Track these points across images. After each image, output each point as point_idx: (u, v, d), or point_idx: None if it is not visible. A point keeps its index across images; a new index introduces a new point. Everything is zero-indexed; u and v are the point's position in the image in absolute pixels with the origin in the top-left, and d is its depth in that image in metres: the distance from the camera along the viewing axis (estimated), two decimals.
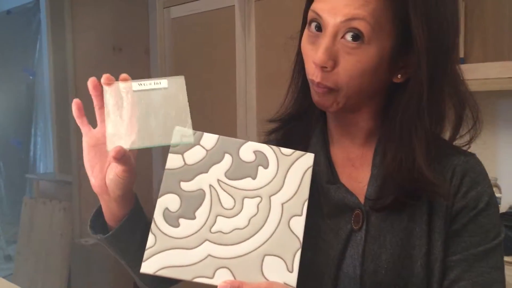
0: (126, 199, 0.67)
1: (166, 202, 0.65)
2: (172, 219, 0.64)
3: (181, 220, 0.64)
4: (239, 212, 0.65)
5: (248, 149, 0.68)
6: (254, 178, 0.66)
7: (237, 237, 0.64)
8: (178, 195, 0.65)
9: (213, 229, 0.64)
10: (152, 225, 0.64)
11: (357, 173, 0.72)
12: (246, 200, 0.65)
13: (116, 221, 0.68)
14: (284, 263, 0.62)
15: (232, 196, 0.66)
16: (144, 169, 3.01)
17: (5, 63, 4.34)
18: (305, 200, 0.66)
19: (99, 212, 0.70)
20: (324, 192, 0.70)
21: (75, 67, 2.92)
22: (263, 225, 0.64)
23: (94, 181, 0.66)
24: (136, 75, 0.65)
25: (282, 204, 0.65)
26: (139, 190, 0.72)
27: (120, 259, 0.72)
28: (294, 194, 0.66)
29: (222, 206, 0.65)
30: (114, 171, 0.64)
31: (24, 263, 3.17)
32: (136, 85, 0.64)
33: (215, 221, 0.64)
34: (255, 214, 0.65)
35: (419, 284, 0.64)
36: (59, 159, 3.29)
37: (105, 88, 0.64)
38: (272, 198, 0.66)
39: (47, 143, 3.91)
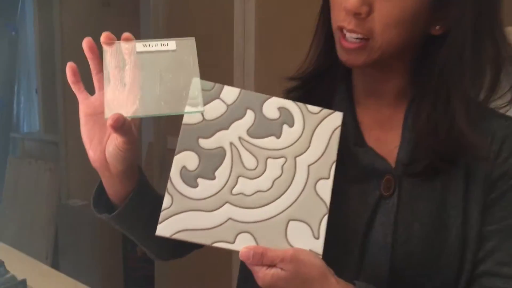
0: (129, 174, 0.61)
1: (184, 160, 0.60)
2: (190, 179, 0.59)
3: (200, 180, 0.59)
4: (262, 173, 0.60)
5: (272, 105, 0.62)
6: (278, 137, 0.61)
7: (260, 200, 0.59)
8: (197, 153, 0.60)
9: (234, 191, 0.59)
10: (169, 184, 0.58)
11: (386, 136, 0.67)
12: (269, 160, 0.60)
13: (121, 199, 0.62)
14: (310, 229, 0.58)
15: (254, 156, 0.60)
16: None
17: None
18: (333, 162, 0.61)
19: (101, 189, 0.64)
20: (350, 155, 0.65)
21: (62, 22, 2.80)
22: (287, 188, 0.59)
23: (92, 154, 0.59)
24: (126, 31, 0.58)
25: (308, 166, 0.61)
26: None
27: (128, 235, 0.67)
28: (321, 156, 0.61)
29: (244, 166, 0.60)
30: (113, 143, 0.57)
31: (9, 223, 3.12)
32: (140, 46, 0.57)
33: (236, 182, 0.59)
34: (279, 176, 0.60)
35: (453, 255, 0.60)
36: (45, 118, 3.20)
37: (105, 48, 0.57)
38: (297, 159, 0.61)
39: (31, 102, 3.79)
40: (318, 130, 0.62)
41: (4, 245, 1.30)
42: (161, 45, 0.58)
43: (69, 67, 0.58)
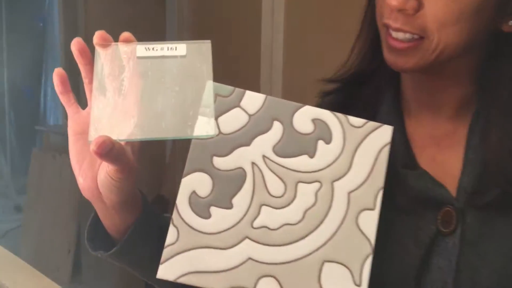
0: (128, 206, 0.49)
1: (194, 183, 0.48)
2: (201, 207, 0.48)
3: (213, 209, 0.48)
4: (291, 202, 0.48)
5: (305, 116, 0.50)
6: (312, 156, 0.49)
7: (287, 236, 0.47)
8: (210, 175, 0.48)
9: (255, 223, 0.47)
10: (174, 214, 0.47)
11: (443, 156, 0.54)
12: (300, 185, 0.48)
13: (120, 232, 0.51)
14: (350, 273, 0.46)
15: (282, 179, 0.49)
16: None
17: (15, 10, 4.15)
18: (380, 189, 0.49)
19: (96, 220, 0.52)
20: (398, 179, 0.53)
21: (86, 11, 2.73)
22: (322, 221, 0.48)
23: (82, 181, 0.48)
24: (153, 27, 0.46)
25: (349, 193, 0.48)
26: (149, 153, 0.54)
27: (131, 271, 0.56)
28: (365, 181, 0.49)
29: (269, 193, 0.48)
30: (105, 169, 0.46)
31: (32, 216, 3.09)
32: (141, 49, 0.46)
33: (258, 213, 0.48)
34: (312, 205, 0.48)
35: None
36: None
37: (98, 51, 0.46)
38: (335, 184, 0.49)
39: (56, 94, 3.77)
40: (362, 148, 0.50)
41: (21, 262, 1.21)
42: (168, 49, 0.47)
43: (57, 74, 0.47)
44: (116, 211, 0.48)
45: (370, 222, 0.48)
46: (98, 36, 0.46)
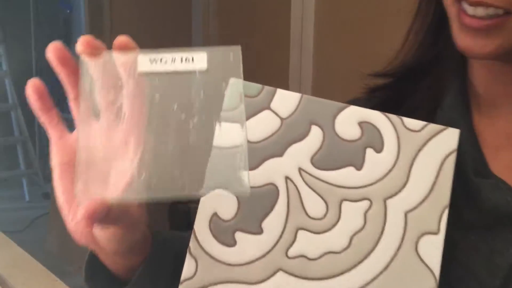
0: (134, 250, 0.41)
1: (215, 203, 0.40)
2: (225, 233, 0.39)
3: (239, 235, 0.39)
4: (335, 225, 0.39)
5: (350, 119, 0.41)
6: (359, 168, 0.40)
7: (330, 267, 0.38)
8: (233, 193, 0.40)
9: (291, 252, 0.39)
10: (192, 242, 0.39)
11: None
12: (345, 204, 0.40)
13: (126, 270, 0.43)
14: None
15: (322, 197, 0.40)
16: None
17: None
18: (445, 208, 0.39)
19: (93, 257, 0.43)
20: (468, 190, 0.43)
21: (111, 2, 2.67)
22: (373, 248, 0.39)
23: (73, 226, 0.37)
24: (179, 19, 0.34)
25: (406, 214, 0.39)
26: None
27: None
28: (426, 198, 0.40)
29: (307, 214, 0.39)
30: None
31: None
32: (145, 61, 0.34)
33: (294, 239, 0.39)
34: (361, 229, 0.39)
35: None
36: None
37: (83, 62, 0.34)
38: (388, 202, 0.40)
39: None
40: (421, 158, 0.40)
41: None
42: (182, 61, 0.34)
43: (33, 86, 0.36)
44: (119, 257, 0.40)
45: (433, 249, 0.38)
46: (84, 42, 0.34)
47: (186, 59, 0.34)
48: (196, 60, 0.34)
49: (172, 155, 0.33)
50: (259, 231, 0.39)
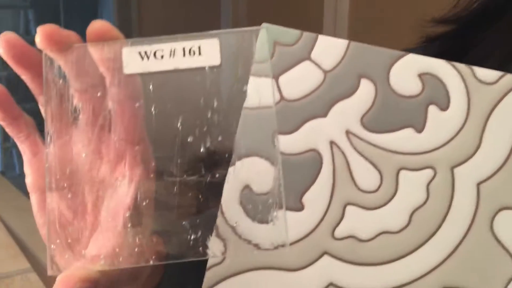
0: (142, 281, 0.32)
1: (247, 174, 0.33)
2: (259, 209, 0.33)
3: (275, 212, 0.33)
4: (391, 199, 0.32)
5: (408, 70, 0.34)
6: (420, 130, 0.33)
7: (386, 250, 0.32)
8: (270, 161, 0.33)
9: (338, 232, 0.32)
10: (219, 219, 0.33)
11: None
12: (403, 174, 0.33)
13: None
14: None
15: (375, 166, 0.33)
16: None
17: None
18: None
19: None
20: None
21: None
22: (439, 227, 0.32)
23: (64, 264, 0.29)
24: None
25: (478, 185, 0.32)
26: None
27: None
28: (503, 165, 0.32)
29: (356, 186, 0.33)
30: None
31: None
32: (133, 56, 0.25)
33: (342, 216, 0.32)
34: (423, 204, 0.32)
35: None
36: None
37: (47, 58, 0.26)
38: (456, 171, 0.32)
39: None
40: (497, 116, 0.33)
41: None
42: (185, 53, 0.25)
43: None
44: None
45: None
46: (43, 34, 0.26)
47: (191, 51, 0.25)
48: (204, 50, 0.25)
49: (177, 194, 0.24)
50: (300, 207, 0.33)
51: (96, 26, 0.26)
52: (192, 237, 0.30)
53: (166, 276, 0.36)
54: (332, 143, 0.33)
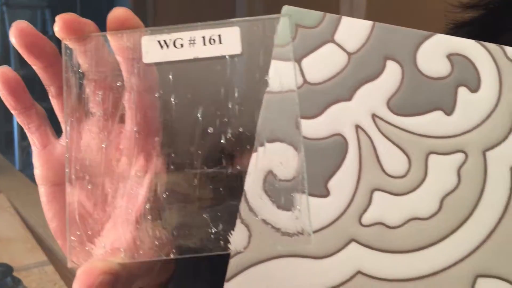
0: (153, 275, 0.31)
1: (270, 159, 0.32)
2: (283, 195, 0.32)
3: (299, 198, 0.32)
4: (420, 184, 0.31)
5: (436, 50, 0.32)
6: (449, 113, 0.32)
7: (416, 237, 0.31)
8: (294, 146, 0.32)
9: (366, 219, 0.31)
10: (242, 206, 0.32)
11: None
12: (433, 158, 0.31)
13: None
14: None
15: (403, 150, 0.32)
16: None
17: None
18: None
19: None
20: None
21: None
22: (471, 213, 0.31)
23: (76, 259, 0.28)
24: None
25: (511, 169, 0.31)
26: None
27: None
28: None
29: (384, 171, 0.32)
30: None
31: None
32: (152, 44, 0.24)
33: (369, 202, 0.31)
34: (454, 189, 0.31)
35: None
36: None
37: (66, 48, 0.26)
38: (488, 155, 0.31)
39: None
40: None
41: None
42: (205, 42, 0.25)
43: (3, 77, 0.27)
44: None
45: None
46: (62, 23, 0.25)
47: (211, 39, 0.25)
48: (225, 39, 0.25)
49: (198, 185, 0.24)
50: (325, 193, 0.32)
51: (117, 13, 0.26)
52: (213, 230, 0.29)
53: (179, 267, 0.35)
54: (357, 127, 0.32)
